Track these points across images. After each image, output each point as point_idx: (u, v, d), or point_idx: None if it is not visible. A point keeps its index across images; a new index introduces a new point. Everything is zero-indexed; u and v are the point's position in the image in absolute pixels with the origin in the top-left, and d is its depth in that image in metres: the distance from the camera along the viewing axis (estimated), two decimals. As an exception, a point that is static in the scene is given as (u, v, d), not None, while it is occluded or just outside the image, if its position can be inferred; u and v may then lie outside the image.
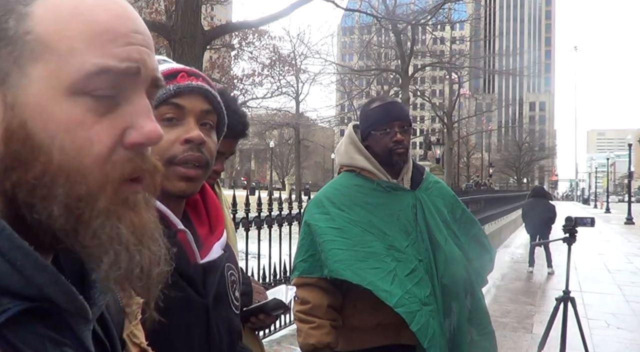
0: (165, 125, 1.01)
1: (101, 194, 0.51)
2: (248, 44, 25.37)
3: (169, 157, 1.02)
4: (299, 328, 1.96)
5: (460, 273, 1.99)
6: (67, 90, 0.50)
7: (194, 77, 1.09)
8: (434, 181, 2.19)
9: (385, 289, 1.82)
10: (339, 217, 1.95)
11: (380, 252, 1.90)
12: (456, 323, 1.93)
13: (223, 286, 1.13)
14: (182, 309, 1.01)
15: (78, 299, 0.52)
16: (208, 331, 1.07)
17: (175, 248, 1.02)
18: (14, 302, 0.47)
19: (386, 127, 2.00)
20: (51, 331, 0.49)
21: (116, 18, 0.53)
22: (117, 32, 0.53)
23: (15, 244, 0.47)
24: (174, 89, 1.05)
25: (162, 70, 1.06)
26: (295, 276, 2.00)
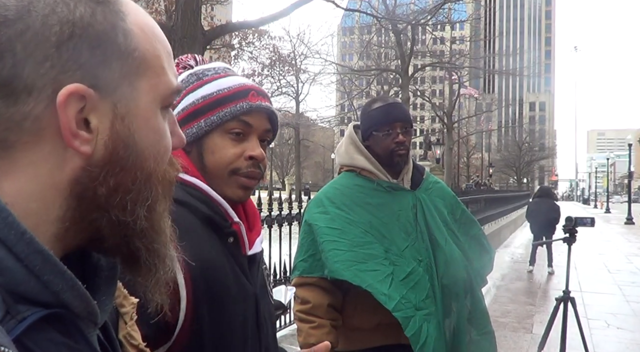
0: (232, 139, 1.13)
1: (167, 195, 0.59)
2: (248, 44, 25.38)
3: (234, 168, 1.13)
4: (299, 328, 1.96)
5: (460, 273, 1.99)
6: (160, 104, 0.57)
7: (262, 96, 1.17)
8: (434, 181, 2.19)
9: (384, 293, 1.83)
10: (338, 217, 1.95)
11: (379, 255, 1.90)
12: (456, 323, 1.94)
13: (262, 278, 1.21)
14: (239, 295, 1.09)
15: (92, 305, 0.52)
16: (257, 318, 1.14)
17: (232, 238, 1.10)
18: (32, 309, 0.47)
19: (388, 128, 2.00)
20: (65, 337, 0.49)
21: (167, 42, 0.60)
22: (171, 54, 0.61)
23: (34, 249, 0.47)
24: (246, 107, 1.13)
25: (234, 85, 1.15)
26: (295, 275, 2.00)
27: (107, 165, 0.52)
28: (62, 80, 0.49)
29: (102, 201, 0.52)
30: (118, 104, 0.53)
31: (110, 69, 0.52)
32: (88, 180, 0.52)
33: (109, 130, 0.52)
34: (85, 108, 0.51)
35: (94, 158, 0.52)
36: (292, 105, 37.26)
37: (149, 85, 0.55)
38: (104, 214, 0.53)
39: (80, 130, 0.50)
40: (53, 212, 0.51)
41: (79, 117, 0.50)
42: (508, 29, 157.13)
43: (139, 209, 0.54)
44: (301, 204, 4.71)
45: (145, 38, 0.55)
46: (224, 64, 1.22)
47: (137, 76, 0.54)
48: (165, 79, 0.57)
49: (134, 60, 0.54)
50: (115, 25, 0.53)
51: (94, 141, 0.51)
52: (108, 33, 0.52)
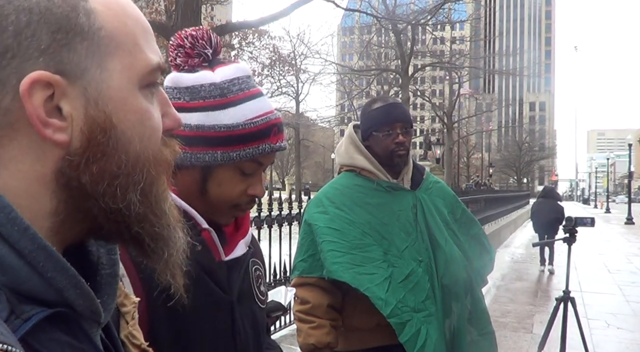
0: (240, 175, 1.09)
1: (163, 177, 0.57)
2: (248, 44, 25.39)
3: (235, 204, 1.11)
4: (299, 328, 1.96)
5: (461, 273, 1.99)
6: (138, 83, 0.54)
7: (281, 132, 1.13)
8: (434, 181, 2.19)
9: (381, 297, 1.83)
10: (338, 217, 1.95)
11: (377, 258, 1.90)
12: (456, 323, 1.93)
13: (247, 281, 1.16)
14: (207, 305, 1.04)
15: (95, 303, 0.52)
16: (233, 326, 1.10)
17: (200, 246, 1.05)
18: (36, 308, 0.46)
19: (388, 128, 2.00)
20: (69, 337, 0.49)
21: (143, 18, 0.58)
22: (150, 29, 0.58)
23: (38, 244, 0.47)
24: (268, 150, 1.09)
25: (258, 118, 1.07)
26: (295, 275, 2.00)
27: (86, 152, 0.50)
28: (25, 69, 0.48)
29: (88, 190, 0.51)
30: (88, 87, 0.51)
31: (75, 51, 0.50)
32: (70, 169, 0.50)
33: (84, 115, 0.50)
34: (55, 95, 0.49)
35: (72, 146, 0.50)
36: (292, 105, 37.30)
37: (121, 65, 0.53)
38: (94, 203, 0.51)
39: (52, 119, 0.49)
40: (44, 206, 0.50)
41: (49, 105, 0.49)
42: (508, 29, 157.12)
43: (130, 194, 0.52)
44: (301, 204, 4.71)
45: (114, 16, 0.53)
46: (244, 69, 1.13)
47: (106, 56, 0.52)
48: (141, 56, 0.54)
49: (100, 40, 0.51)
50: (75, 6, 0.51)
51: (70, 129, 0.50)
52: (68, 15, 0.50)
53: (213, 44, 1.11)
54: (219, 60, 1.13)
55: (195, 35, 1.10)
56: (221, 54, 1.17)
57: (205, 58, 1.10)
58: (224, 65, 1.11)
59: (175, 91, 1.07)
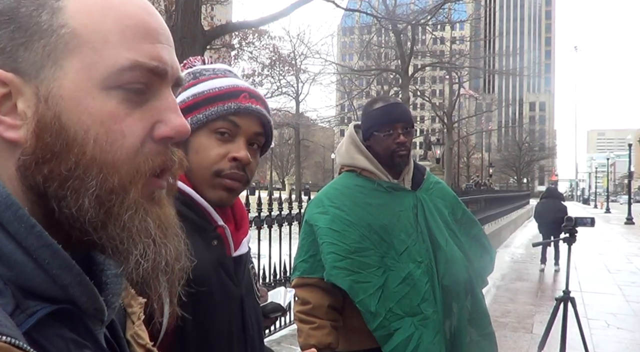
0: (218, 139, 1.10)
1: (132, 187, 0.52)
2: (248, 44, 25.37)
3: (216, 171, 1.11)
4: (300, 328, 1.96)
5: (461, 274, 1.99)
6: (101, 83, 0.51)
7: (255, 99, 1.15)
8: (435, 181, 2.18)
9: (370, 311, 1.86)
10: (338, 218, 1.95)
11: (373, 264, 1.90)
12: (456, 324, 1.93)
13: (249, 278, 1.21)
14: (223, 298, 1.09)
15: (99, 301, 0.52)
16: (243, 319, 1.14)
17: (216, 241, 1.10)
18: (41, 304, 0.46)
19: (389, 128, 1.99)
20: (73, 333, 0.49)
21: (145, 13, 0.55)
22: (147, 28, 0.54)
23: (44, 242, 0.47)
24: (234, 108, 1.12)
25: (226, 85, 1.13)
26: (295, 276, 2.00)
27: (37, 152, 0.49)
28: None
29: (42, 191, 0.50)
30: (40, 86, 0.49)
31: (32, 50, 0.49)
32: (24, 169, 0.49)
33: (34, 114, 0.49)
34: (12, 94, 0.49)
35: (27, 146, 0.49)
36: (292, 105, 37.29)
37: (81, 63, 0.50)
38: (52, 206, 0.50)
39: (5, 116, 0.48)
40: (25, 207, 0.49)
41: (9, 103, 0.48)
42: (508, 29, 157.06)
43: (82, 199, 0.50)
44: (301, 204, 4.71)
45: (85, 12, 0.51)
46: (226, 66, 1.21)
47: (64, 54, 0.50)
48: (108, 54, 0.51)
49: (59, 38, 0.50)
50: (42, 5, 0.50)
51: (25, 128, 0.49)
52: (31, 14, 0.49)
53: (205, 62, 1.22)
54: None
55: (190, 59, 1.21)
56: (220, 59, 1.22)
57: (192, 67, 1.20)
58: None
59: None
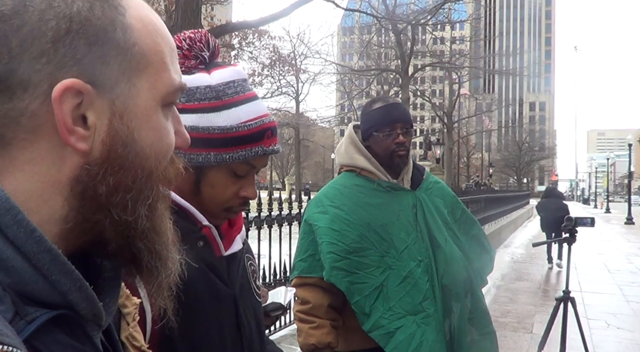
0: (233, 177, 1.10)
1: (167, 195, 0.58)
2: (248, 44, 25.38)
3: (227, 207, 1.12)
4: (299, 328, 1.96)
5: (461, 273, 1.99)
6: (160, 102, 0.55)
7: (274, 136, 1.14)
8: (434, 181, 2.19)
9: (365, 312, 1.86)
10: (338, 218, 1.95)
11: (372, 264, 1.90)
12: (456, 323, 1.93)
13: (245, 276, 1.19)
14: (212, 300, 1.07)
15: (97, 306, 0.52)
16: (238, 320, 1.12)
17: (202, 242, 1.08)
18: (40, 310, 0.46)
19: (388, 128, 1.99)
20: (72, 339, 0.49)
21: (171, 37, 0.59)
22: (175, 50, 0.59)
23: (44, 247, 0.47)
24: (260, 153, 1.11)
25: (252, 121, 1.09)
26: (295, 275, 2.00)
27: (105, 163, 0.51)
28: (59, 75, 0.48)
29: (103, 200, 0.51)
30: (116, 101, 0.52)
31: (109, 65, 0.51)
32: (88, 178, 0.51)
33: (107, 127, 0.51)
34: (83, 104, 0.50)
35: (92, 156, 0.51)
36: (292, 105, 37.31)
37: (149, 83, 0.54)
38: (106, 214, 0.52)
39: (77, 127, 0.50)
40: (55, 212, 0.50)
41: (75, 113, 0.49)
42: (508, 29, 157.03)
43: (140, 208, 0.53)
44: (301, 204, 4.70)
45: (147, 33, 0.54)
46: (241, 72, 1.15)
47: (136, 73, 0.53)
48: (166, 76, 0.56)
49: (133, 56, 0.53)
50: (114, 20, 0.52)
51: (92, 138, 0.50)
52: (106, 28, 0.51)
53: (211, 46, 1.13)
54: (216, 63, 1.14)
55: (194, 38, 1.12)
56: (219, 57, 1.17)
57: (202, 60, 1.11)
58: (221, 68, 1.12)
59: None
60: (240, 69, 1.16)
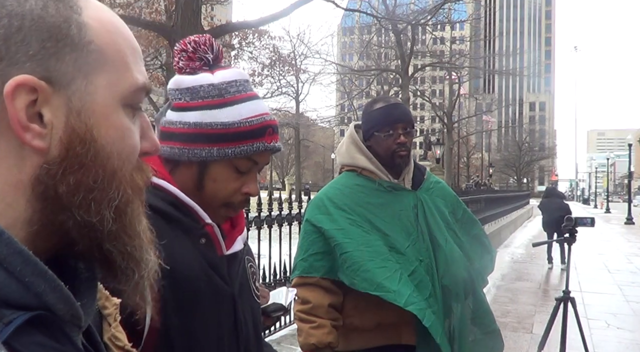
0: (235, 172, 1.12)
1: (139, 198, 0.56)
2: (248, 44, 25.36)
3: (228, 202, 1.14)
4: (300, 328, 1.96)
5: (461, 274, 1.99)
6: (121, 101, 0.54)
7: (276, 133, 1.17)
8: (435, 181, 2.19)
9: (393, 290, 1.82)
10: (340, 217, 1.95)
11: (384, 252, 1.90)
12: (457, 324, 1.93)
13: (245, 276, 1.21)
14: (211, 297, 1.09)
15: (75, 306, 0.51)
16: (235, 319, 1.14)
17: (204, 239, 1.10)
18: (17, 312, 0.46)
19: (389, 129, 1.99)
20: (51, 340, 0.48)
21: (134, 38, 0.58)
22: (139, 50, 0.59)
23: (14, 249, 0.46)
24: (262, 149, 1.13)
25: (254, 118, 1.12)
26: (295, 275, 2.00)
27: (64, 162, 0.50)
28: (11, 72, 0.48)
29: (64, 200, 0.50)
30: (73, 97, 0.51)
31: (63, 61, 0.50)
32: (47, 178, 0.50)
33: (64, 124, 0.50)
34: (38, 101, 0.49)
35: (51, 154, 0.50)
36: (292, 105, 37.32)
37: (107, 80, 0.53)
38: (69, 216, 0.51)
39: (32, 124, 0.49)
40: (19, 214, 0.49)
41: (30, 110, 0.49)
42: (508, 29, 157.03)
43: (104, 210, 0.52)
44: (301, 204, 4.70)
45: (105, 31, 0.54)
46: (243, 74, 1.18)
47: (93, 70, 0.52)
48: (127, 75, 0.55)
49: (89, 53, 0.52)
50: (68, 18, 0.51)
51: (49, 136, 0.50)
52: (60, 25, 0.50)
53: (215, 50, 1.17)
54: (220, 65, 1.18)
55: (198, 41, 1.17)
56: (222, 62, 1.21)
57: (206, 62, 1.16)
58: (224, 69, 1.17)
59: (177, 92, 1.13)
60: (242, 71, 1.21)
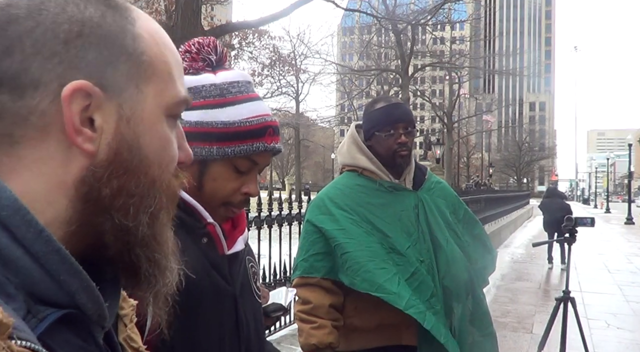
0: (234, 172, 1.13)
1: (171, 207, 0.59)
2: (248, 44, 25.40)
3: (227, 202, 1.14)
4: (301, 328, 1.95)
5: (462, 274, 1.98)
6: (165, 111, 0.57)
7: (276, 134, 1.17)
8: (436, 181, 2.18)
9: (393, 292, 1.82)
10: (342, 217, 1.95)
11: (382, 254, 1.90)
12: (457, 324, 1.93)
13: (246, 276, 1.21)
14: (213, 296, 1.09)
15: (103, 308, 0.52)
16: (237, 318, 1.14)
17: (206, 239, 1.10)
18: (50, 309, 0.47)
19: (390, 128, 1.99)
20: (78, 339, 0.50)
21: (177, 51, 0.61)
22: (182, 65, 0.61)
23: (52, 248, 0.47)
24: (261, 149, 1.13)
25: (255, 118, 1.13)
26: (296, 275, 1.99)
27: (111, 166, 0.52)
28: (69, 76, 0.50)
29: (106, 203, 0.52)
30: (124, 105, 0.53)
31: (117, 69, 0.53)
32: (93, 180, 0.51)
33: (114, 130, 0.52)
34: (91, 106, 0.51)
35: (98, 158, 0.51)
36: (292, 105, 37.33)
37: (155, 91, 0.55)
38: (107, 218, 0.52)
39: (84, 128, 0.50)
40: (59, 214, 0.51)
41: (83, 115, 0.50)
42: (508, 29, 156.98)
43: (141, 215, 0.54)
44: (301, 204, 4.70)
45: (154, 43, 0.56)
46: (245, 76, 1.20)
47: (144, 80, 0.54)
48: (172, 87, 0.57)
49: (141, 64, 0.54)
50: (124, 28, 0.54)
51: (98, 140, 0.51)
52: (117, 34, 0.53)
53: (218, 51, 1.19)
54: (223, 66, 1.20)
55: (202, 43, 1.19)
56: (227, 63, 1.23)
57: (209, 63, 1.18)
58: (226, 70, 1.18)
59: None
60: (245, 73, 1.22)
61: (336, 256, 1.91)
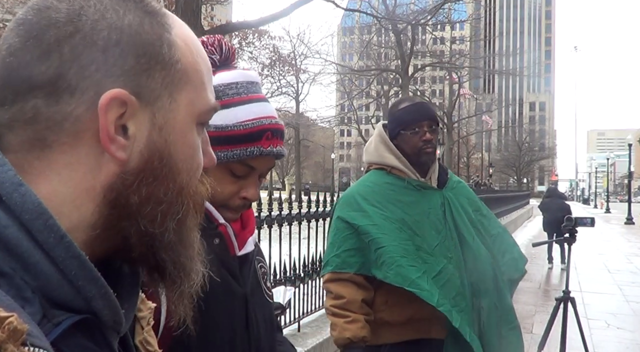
0: (231, 176, 1.09)
1: (198, 212, 0.59)
2: (248, 44, 25.43)
3: (225, 205, 1.11)
4: (334, 322, 1.99)
5: (488, 270, 2.03)
6: (195, 119, 0.57)
7: (277, 137, 1.12)
8: (457, 180, 2.25)
9: (426, 288, 1.87)
10: (374, 213, 1.99)
11: (412, 252, 1.95)
12: (486, 319, 1.98)
13: (256, 277, 1.21)
14: (224, 297, 1.09)
15: (119, 314, 0.52)
16: (247, 318, 1.14)
17: (218, 239, 1.10)
18: (65, 314, 0.47)
19: (415, 126, 2.04)
20: (92, 344, 0.50)
21: (208, 59, 0.61)
22: (212, 73, 0.61)
23: (72, 253, 0.47)
24: (256, 153, 1.09)
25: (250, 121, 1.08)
26: (328, 270, 2.03)
27: (141, 174, 0.52)
28: (105, 84, 0.50)
29: (133, 210, 0.52)
30: (157, 114, 0.53)
31: (153, 78, 0.52)
32: (122, 187, 0.51)
33: (146, 139, 0.52)
34: (125, 114, 0.51)
35: (129, 165, 0.52)
36: (292, 105, 37.36)
37: (188, 99, 0.55)
38: (133, 224, 0.52)
39: (118, 136, 0.51)
40: (85, 218, 0.51)
41: (118, 122, 0.51)
42: (508, 29, 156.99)
43: (168, 222, 0.54)
44: (301, 204, 4.71)
45: (189, 51, 0.56)
46: (247, 76, 1.15)
47: (178, 88, 0.54)
48: (204, 95, 0.57)
49: (176, 72, 0.54)
50: (161, 36, 0.53)
51: (130, 148, 0.51)
52: (154, 43, 0.53)
53: (223, 51, 1.15)
54: (227, 66, 1.15)
55: (205, 42, 1.15)
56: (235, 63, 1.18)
57: (212, 63, 1.13)
58: (226, 71, 1.14)
59: None
60: (250, 73, 1.17)
61: (370, 251, 1.95)
